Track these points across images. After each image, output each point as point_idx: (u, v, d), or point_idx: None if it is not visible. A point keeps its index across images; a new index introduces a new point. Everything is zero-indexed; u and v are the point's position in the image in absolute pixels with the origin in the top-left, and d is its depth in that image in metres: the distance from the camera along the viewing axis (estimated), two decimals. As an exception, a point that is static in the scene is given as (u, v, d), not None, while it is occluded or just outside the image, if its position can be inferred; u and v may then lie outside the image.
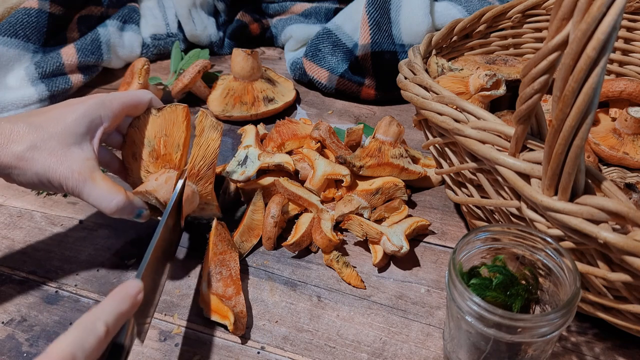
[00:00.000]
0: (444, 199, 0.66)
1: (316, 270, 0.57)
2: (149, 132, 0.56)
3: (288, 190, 0.61)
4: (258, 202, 0.61)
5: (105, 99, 0.52)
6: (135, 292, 0.40)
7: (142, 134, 0.56)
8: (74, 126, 0.49)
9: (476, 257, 0.42)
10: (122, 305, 0.38)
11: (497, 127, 0.42)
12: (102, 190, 0.49)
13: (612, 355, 0.47)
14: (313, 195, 0.61)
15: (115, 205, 0.49)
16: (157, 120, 0.56)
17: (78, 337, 0.33)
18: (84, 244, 0.60)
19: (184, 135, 0.56)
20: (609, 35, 0.28)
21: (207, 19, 1.01)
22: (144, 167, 0.56)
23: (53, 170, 0.48)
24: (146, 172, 0.56)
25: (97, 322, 0.35)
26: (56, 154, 0.48)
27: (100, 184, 0.49)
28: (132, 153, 0.57)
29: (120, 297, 0.38)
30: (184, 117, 0.56)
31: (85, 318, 0.35)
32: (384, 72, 0.83)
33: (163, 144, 0.56)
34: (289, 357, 0.48)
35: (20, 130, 0.48)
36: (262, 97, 0.82)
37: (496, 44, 0.74)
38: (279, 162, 0.63)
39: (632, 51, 0.74)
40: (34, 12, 0.88)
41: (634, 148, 0.64)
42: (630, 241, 0.32)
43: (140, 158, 0.56)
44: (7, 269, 0.57)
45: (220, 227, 0.56)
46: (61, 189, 0.49)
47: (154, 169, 0.56)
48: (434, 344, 0.49)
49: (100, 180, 0.49)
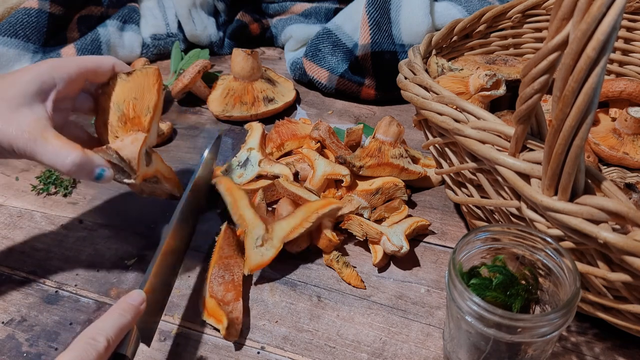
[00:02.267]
0: (444, 199, 0.66)
1: (316, 270, 0.57)
2: (118, 96, 0.53)
3: (288, 190, 0.61)
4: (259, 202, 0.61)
5: (60, 62, 0.50)
6: (138, 302, 0.40)
7: (109, 99, 0.53)
8: (24, 88, 0.47)
9: (476, 257, 0.42)
10: (124, 317, 0.39)
11: (497, 127, 0.42)
12: (55, 147, 0.46)
13: (612, 355, 0.47)
14: (313, 196, 0.61)
15: (71, 161, 0.46)
16: (126, 85, 0.53)
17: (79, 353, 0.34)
18: (84, 244, 0.60)
19: (154, 98, 0.53)
20: (609, 35, 0.28)
21: (207, 19, 1.01)
22: (113, 132, 0.53)
23: (2, 132, 0.45)
24: (114, 137, 0.53)
25: (98, 337, 0.36)
26: (4, 116, 0.46)
27: (52, 142, 0.46)
28: (102, 122, 0.54)
29: (123, 309, 0.39)
30: (155, 80, 0.53)
31: (87, 333, 0.36)
32: (384, 72, 0.83)
33: (132, 107, 0.53)
34: (289, 357, 0.48)
35: None
36: (262, 97, 0.82)
37: (496, 44, 0.74)
38: (277, 173, 0.64)
39: (632, 51, 0.74)
40: (34, 12, 0.88)
41: (634, 148, 0.64)
42: (630, 241, 0.32)
43: (109, 124, 0.53)
44: (7, 269, 0.57)
45: (230, 232, 0.56)
46: (12, 152, 0.46)
47: (123, 134, 0.52)
48: (434, 344, 0.49)
49: (53, 138, 0.46)
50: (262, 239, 0.54)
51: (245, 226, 0.55)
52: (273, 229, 0.55)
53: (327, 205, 0.56)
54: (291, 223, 0.55)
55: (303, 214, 0.55)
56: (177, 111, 0.86)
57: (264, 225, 0.55)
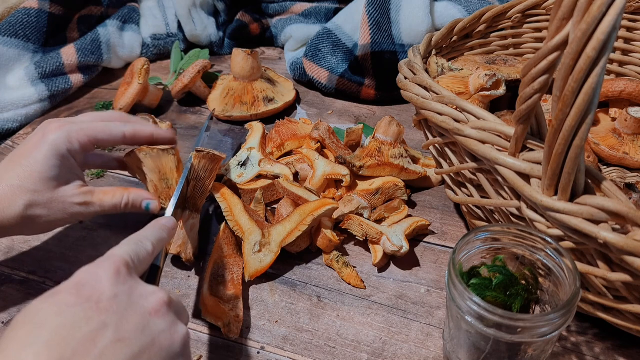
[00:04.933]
0: (444, 199, 0.66)
1: (316, 270, 0.57)
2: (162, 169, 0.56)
3: (288, 190, 0.61)
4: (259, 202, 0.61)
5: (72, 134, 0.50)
6: (171, 225, 0.45)
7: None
8: (45, 170, 0.48)
9: (476, 257, 0.42)
10: (162, 232, 0.43)
11: (497, 127, 0.42)
12: (108, 199, 0.52)
13: (612, 355, 0.47)
14: (313, 196, 0.61)
15: (125, 203, 0.53)
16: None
17: (133, 248, 0.37)
18: (84, 244, 0.60)
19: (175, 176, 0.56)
20: (609, 35, 0.28)
21: (207, 19, 1.01)
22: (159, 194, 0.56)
23: (58, 214, 0.50)
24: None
25: (144, 240, 0.39)
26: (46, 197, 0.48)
27: (103, 198, 0.52)
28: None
29: (159, 226, 0.43)
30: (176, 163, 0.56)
31: (135, 237, 0.39)
32: (384, 72, 0.83)
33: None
34: (289, 357, 0.48)
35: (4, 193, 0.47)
36: (262, 97, 0.82)
37: (496, 44, 0.74)
38: (277, 174, 0.64)
39: (632, 51, 0.74)
40: (34, 12, 0.88)
41: (634, 148, 0.64)
42: (630, 241, 0.32)
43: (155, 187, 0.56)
44: (7, 269, 0.57)
45: (229, 231, 0.56)
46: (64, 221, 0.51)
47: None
48: (434, 344, 0.49)
49: (102, 195, 0.52)
50: (259, 244, 0.54)
51: (241, 233, 0.55)
52: (270, 234, 0.55)
53: (323, 207, 0.56)
54: (287, 227, 0.55)
55: (298, 217, 0.55)
56: (177, 111, 0.86)
57: (261, 231, 0.55)
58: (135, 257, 0.37)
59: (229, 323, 0.49)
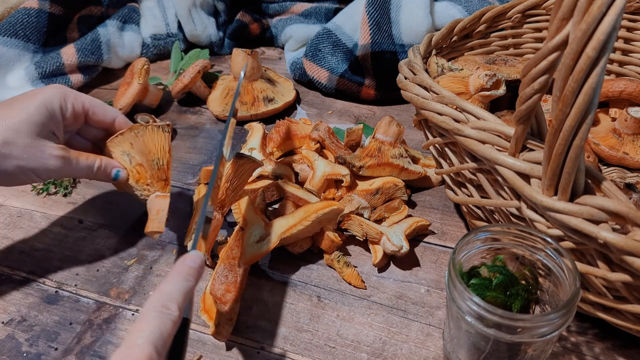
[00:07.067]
0: (444, 199, 0.66)
1: (316, 271, 0.57)
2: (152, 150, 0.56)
3: (289, 192, 0.61)
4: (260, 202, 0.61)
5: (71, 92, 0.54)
6: (199, 265, 0.39)
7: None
8: (33, 119, 0.50)
9: (476, 257, 0.42)
10: (189, 282, 0.37)
11: (497, 127, 0.42)
12: (85, 162, 0.53)
13: (612, 355, 0.47)
14: (313, 196, 0.61)
15: (96, 168, 0.54)
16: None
17: (156, 327, 0.32)
18: (84, 244, 0.60)
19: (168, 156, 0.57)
20: (609, 35, 0.28)
21: (207, 19, 1.01)
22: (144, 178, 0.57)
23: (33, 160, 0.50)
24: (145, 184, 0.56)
25: (169, 305, 0.34)
26: (29, 148, 0.50)
27: (81, 159, 0.53)
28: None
29: (187, 272, 0.37)
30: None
31: (157, 301, 0.34)
32: (384, 72, 0.83)
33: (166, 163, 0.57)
34: (289, 357, 0.48)
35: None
36: (262, 97, 0.82)
37: (496, 44, 0.74)
38: (279, 173, 0.64)
39: (632, 51, 0.74)
40: (34, 12, 0.88)
41: (634, 148, 0.64)
42: (630, 241, 0.32)
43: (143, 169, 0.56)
44: (7, 269, 0.57)
45: (241, 234, 0.56)
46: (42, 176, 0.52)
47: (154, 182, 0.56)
48: (434, 344, 0.49)
49: (80, 156, 0.53)
50: (260, 235, 0.54)
51: (245, 225, 0.55)
52: (271, 226, 0.55)
53: (328, 207, 0.56)
54: (290, 221, 0.55)
55: (303, 213, 0.55)
56: (177, 111, 0.86)
57: (263, 223, 0.55)
58: (160, 340, 0.32)
59: (219, 324, 0.48)
